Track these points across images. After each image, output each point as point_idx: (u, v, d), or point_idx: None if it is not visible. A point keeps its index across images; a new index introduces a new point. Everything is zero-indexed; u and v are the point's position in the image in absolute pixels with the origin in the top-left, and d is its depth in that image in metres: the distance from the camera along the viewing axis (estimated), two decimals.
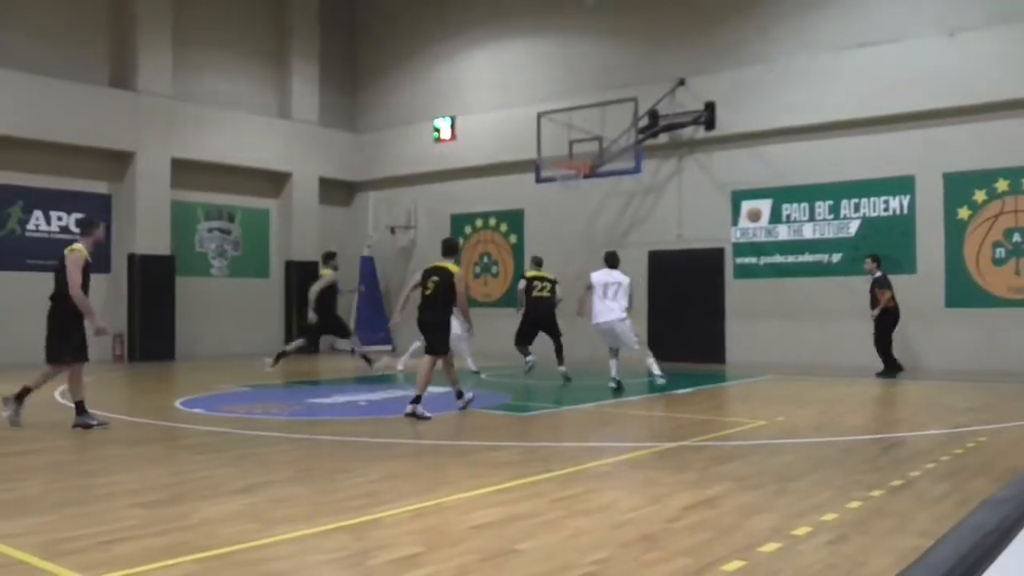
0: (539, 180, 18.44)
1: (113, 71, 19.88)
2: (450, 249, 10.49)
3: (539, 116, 18.30)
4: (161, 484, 6.12)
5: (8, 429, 8.88)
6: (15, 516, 5.11)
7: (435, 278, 10.04)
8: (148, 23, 19.74)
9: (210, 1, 21.47)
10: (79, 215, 19.06)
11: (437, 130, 22.28)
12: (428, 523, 5.05)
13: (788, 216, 17.18)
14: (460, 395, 10.27)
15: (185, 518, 5.08)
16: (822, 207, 16.80)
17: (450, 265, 10.15)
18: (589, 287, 12.78)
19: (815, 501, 5.46)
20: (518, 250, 20.95)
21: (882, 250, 15.77)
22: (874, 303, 14.45)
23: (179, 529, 4.82)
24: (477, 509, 5.30)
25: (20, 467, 6.86)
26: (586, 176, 17.65)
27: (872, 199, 16.24)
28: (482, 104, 21.74)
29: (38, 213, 18.44)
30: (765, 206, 17.46)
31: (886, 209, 16.10)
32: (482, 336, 15.63)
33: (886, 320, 14.44)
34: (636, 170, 17.53)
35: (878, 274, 14.62)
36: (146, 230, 19.44)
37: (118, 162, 19.60)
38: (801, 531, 4.73)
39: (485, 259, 21.74)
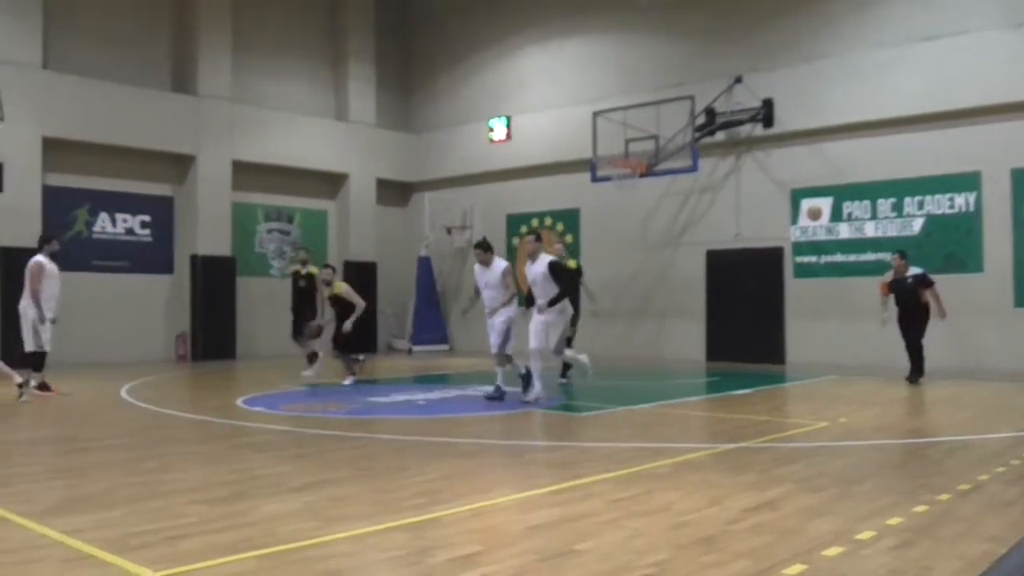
0: (595, 179, 18.36)
1: (175, 76, 20.28)
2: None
3: (594, 115, 18.22)
4: (223, 481, 6.22)
5: (77, 427, 9.10)
6: (83, 511, 5.22)
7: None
8: (208, 29, 20.10)
9: (268, 6, 21.79)
10: (144, 217, 19.55)
11: (491, 129, 22.34)
12: (486, 523, 5.05)
13: (849, 214, 16.89)
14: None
15: (246, 515, 5.15)
16: (884, 205, 16.49)
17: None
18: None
19: (879, 504, 5.35)
20: (573, 250, 20.89)
21: (947, 248, 15.45)
22: (919, 301, 13.21)
23: (241, 526, 4.88)
24: (535, 509, 5.29)
25: (87, 463, 7.02)
26: (642, 175, 17.53)
27: (936, 196, 15.89)
28: (537, 103, 21.74)
29: (104, 215, 18.88)
30: (825, 204, 17.19)
31: (951, 206, 15.74)
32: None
33: (925, 320, 13.40)
34: (693, 168, 17.38)
35: (918, 271, 13.46)
36: (207, 232, 19.79)
37: (180, 165, 19.99)
38: (865, 535, 4.64)
39: None
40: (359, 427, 8.98)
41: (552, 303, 10.70)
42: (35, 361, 11.68)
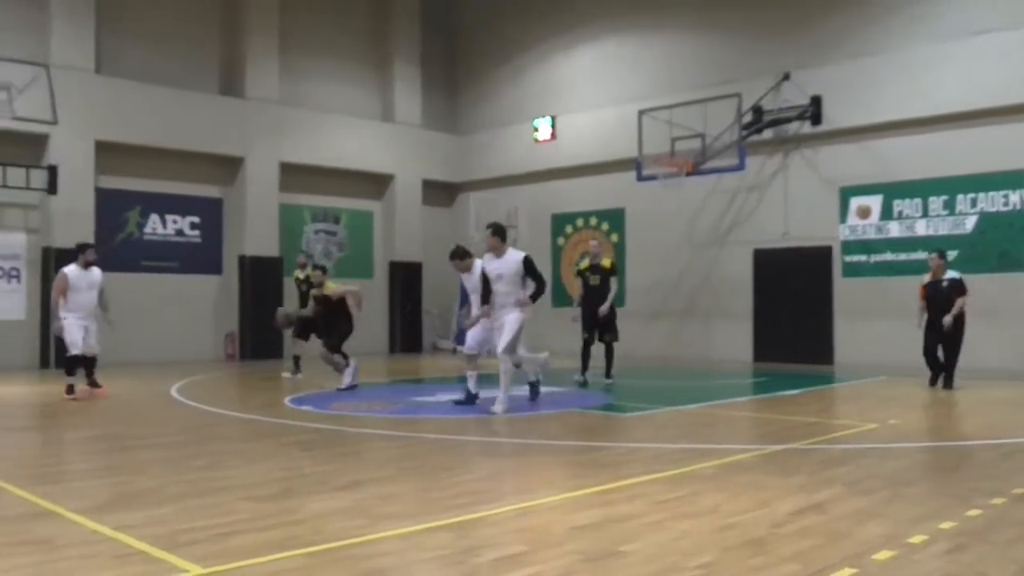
0: (640, 179, 18.26)
1: (223, 79, 20.57)
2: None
3: (640, 114, 18.12)
4: (271, 479, 6.28)
5: (129, 425, 9.26)
6: (134, 508, 5.31)
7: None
8: (256, 32, 20.36)
9: (314, 9, 21.99)
10: (193, 218, 19.84)
11: (536, 129, 22.34)
12: (531, 523, 5.04)
13: (900, 212, 16.62)
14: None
15: (294, 513, 5.20)
16: (936, 203, 16.21)
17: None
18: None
19: (931, 508, 5.25)
20: (619, 249, 20.81)
21: (1001, 246, 15.14)
22: (947, 307, 12.24)
23: (288, 523, 4.93)
24: (580, 510, 5.28)
25: (138, 461, 7.14)
26: (688, 174, 17.40)
27: (990, 193, 15.58)
28: (582, 103, 21.70)
29: (155, 217, 19.21)
30: (875, 202, 16.94)
31: (1005, 204, 15.42)
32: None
33: (961, 328, 12.40)
34: (740, 167, 17.22)
35: (955, 275, 12.52)
36: (255, 232, 20.03)
37: (229, 167, 20.26)
38: (916, 539, 4.56)
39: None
40: (405, 426, 9.03)
41: (533, 299, 10.00)
42: (66, 364, 11.83)
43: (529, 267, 10.09)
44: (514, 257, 10.16)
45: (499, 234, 10.34)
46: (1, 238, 17.37)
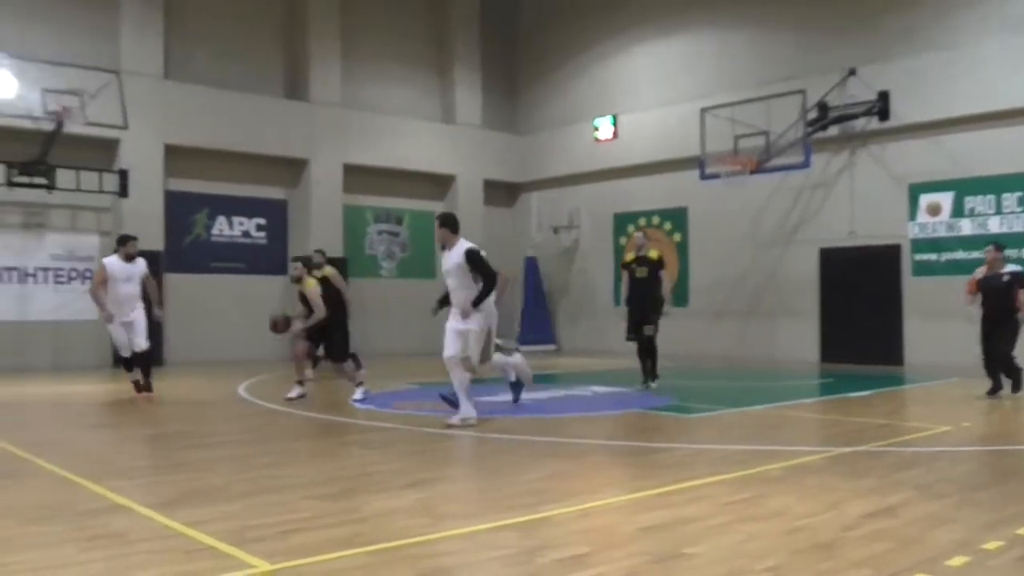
0: (703, 177, 18.07)
1: (288, 83, 20.89)
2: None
3: (702, 112, 17.93)
4: (335, 477, 6.35)
5: (197, 423, 9.43)
6: (203, 504, 5.40)
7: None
8: (318, 37, 20.66)
9: (374, 13, 22.20)
10: (259, 220, 20.17)
11: (596, 128, 22.28)
12: (595, 523, 5.01)
13: (972, 209, 16.20)
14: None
15: (358, 511, 5.24)
16: (1010, 199, 15.76)
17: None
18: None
19: (1006, 513, 5.10)
20: (683, 248, 20.63)
21: None
22: (1011, 304, 11.14)
23: (352, 521, 4.97)
24: (645, 511, 5.23)
25: (206, 458, 7.26)
26: (752, 172, 17.16)
27: None
28: (644, 101, 21.56)
29: (221, 219, 19.57)
30: (946, 199, 16.53)
31: None
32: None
33: (1016, 327, 11.36)
34: (805, 164, 16.93)
35: (1017, 268, 11.59)
36: (319, 234, 20.27)
37: (293, 169, 20.56)
38: (991, 545, 4.42)
39: None
40: (467, 425, 9.04)
41: (476, 302, 8.75)
42: (124, 364, 11.90)
43: (473, 261, 8.76)
44: (459, 250, 8.85)
45: (447, 224, 8.97)
46: (75, 240, 17.84)
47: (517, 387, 10.60)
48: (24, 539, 4.64)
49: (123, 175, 17.48)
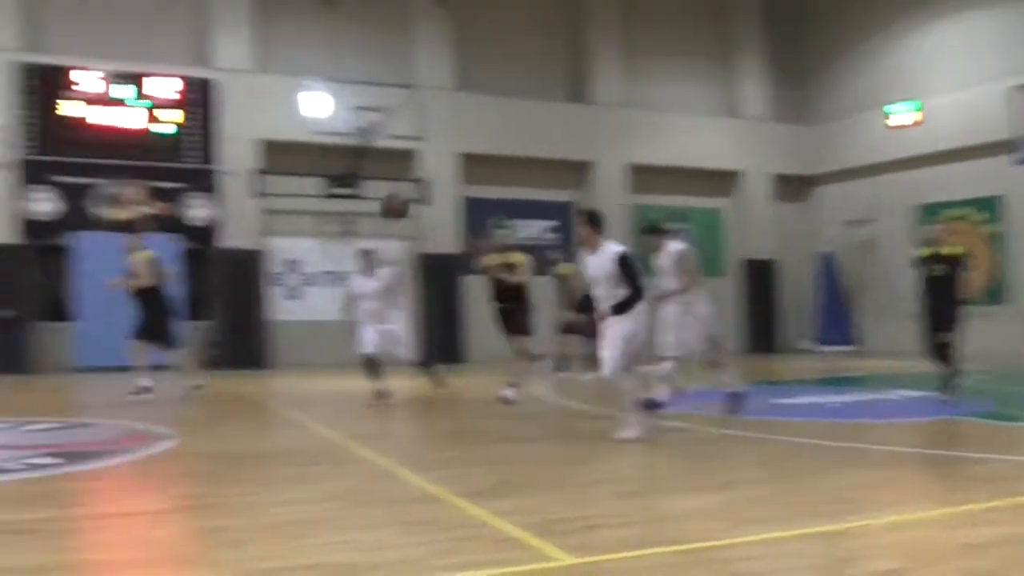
0: (1019, 163, 16.47)
1: (571, 88, 21.39)
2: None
3: (1010, 90, 16.30)
4: (634, 476, 6.43)
5: (494, 420, 9.87)
6: (507, 495, 5.63)
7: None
8: (599, 40, 21.00)
9: (655, 11, 22.17)
10: (550, 222, 20.79)
11: (887, 115, 20.95)
12: (908, 536, 4.70)
13: None
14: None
15: (657, 510, 5.26)
16: None
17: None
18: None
19: None
20: (997, 241, 18.91)
21: None
22: None
23: (652, 520, 4.99)
24: (964, 526, 4.83)
25: (507, 452, 7.57)
26: None
27: None
28: (944, 83, 19.99)
29: (517, 222, 20.39)
30: None
31: None
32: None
33: None
34: None
35: None
36: (605, 234, 20.55)
37: (578, 171, 21.01)
38: None
39: None
40: (763, 428, 8.80)
41: (619, 310, 7.64)
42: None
43: (626, 267, 7.72)
44: (607, 254, 7.82)
45: (592, 222, 8.01)
46: (381, 247, 19.25)
47: (735, 397, 9.49)
48: (349, 520, 5.06)
49: (422, 184, 18.66)
